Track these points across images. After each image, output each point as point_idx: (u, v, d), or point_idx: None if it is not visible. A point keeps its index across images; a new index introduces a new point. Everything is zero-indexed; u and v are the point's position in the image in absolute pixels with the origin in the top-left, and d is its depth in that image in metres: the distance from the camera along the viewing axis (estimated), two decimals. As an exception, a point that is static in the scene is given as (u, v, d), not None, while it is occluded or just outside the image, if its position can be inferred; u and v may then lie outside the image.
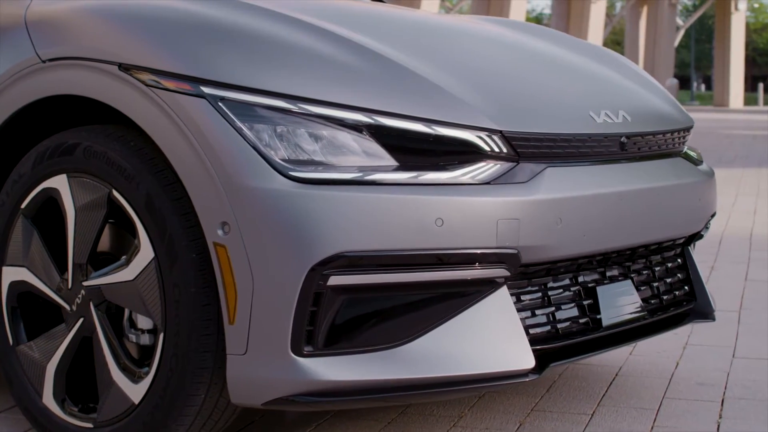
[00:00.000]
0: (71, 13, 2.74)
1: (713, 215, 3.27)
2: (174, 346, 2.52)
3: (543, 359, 2.63)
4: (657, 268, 3.14)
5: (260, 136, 2.42)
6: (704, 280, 3.30)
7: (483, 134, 2.57)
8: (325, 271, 2.40)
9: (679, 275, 3.23)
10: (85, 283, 2.67)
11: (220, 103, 2.43)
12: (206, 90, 2.45)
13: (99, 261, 2.70)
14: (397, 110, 2.51)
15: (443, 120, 2.54)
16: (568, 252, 2.70)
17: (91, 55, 2.61)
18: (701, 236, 3.28)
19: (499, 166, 2.59)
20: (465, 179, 2.52)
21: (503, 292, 2.59)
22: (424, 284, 2.50)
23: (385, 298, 2.49)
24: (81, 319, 2.69)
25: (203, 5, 2.71)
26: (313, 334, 2.44)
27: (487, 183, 2.54)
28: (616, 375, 3.64)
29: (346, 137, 2.47)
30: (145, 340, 2.62)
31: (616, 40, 64.30)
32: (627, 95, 3.15)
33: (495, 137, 2.58)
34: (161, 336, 2.55)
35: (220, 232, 2.42)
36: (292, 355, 2.42)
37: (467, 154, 2.56)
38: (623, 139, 2.90)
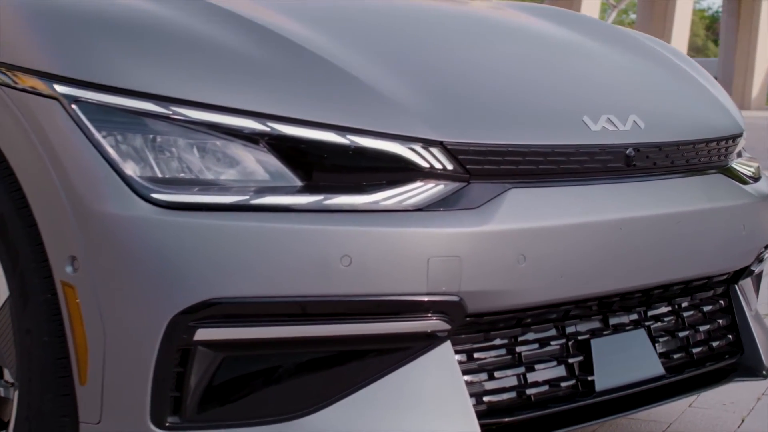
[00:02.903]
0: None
1: None
2: (27, 406, 2.02)
3: (500, 436, 2.03)
4: (686, 314, 2.49)
5: (119, 148, 1.90)
6: (760, 327, 2.62)
7: (417, 146, 1.99)
8: (192, 322, 1.86)
9: (720, 321, 2.57)
10: None
11: (73, 106, 1.92)
12: (59, 89, 1.94)
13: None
14: (305, 116, 1.95)
15: (364, 128, 1.97)
16: (539, 298, 2.09)
17: None
18: (751, 272, 2.61)
19: (440, 186, 2.00)
20: (388, 204, 1.95)
21: (443, 350, 2.00)
22: (329, 341, 1.94)
23: (279, 358, 1.94)
24: None
25: None
26: (180, 401, 1.90)
27: (419, 209, 1.96)
28: (660, 435, 2.99)
29: (233, 150, 1.93)
30: (8, 394, 2.14)
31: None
32: (649, 95, 2.50)
33: (433, 150, 2.00)
34: (16, 393, 2.05)
35: (68, 268, 1.90)
36: (152, 427, 1.89)
37: (395, 171, 1.99)
38: (630, 151, 2.27)
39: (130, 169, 1.88)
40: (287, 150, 1.94)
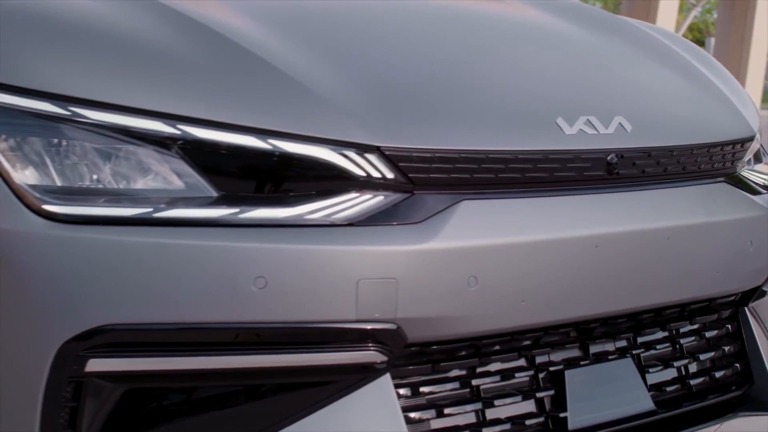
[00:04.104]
0: None
1: None
2: None
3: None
4: (684, 340, 2.21)
5: (8, 154, 1.68)
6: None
7: (350, 152, 1.74)
8: (82, 351, 1.63)
9: (726, 348, 2.28)
10: None
11: None
12: None
13: None
14: (222, 118, 1.72)
15: (289, 132, 1.73)
16: (497, 326, 1.84)
17: None
18: (764, 293, 2.31)
19: (378, 198, 1.76)
20: (314, 218, 1.71)
21: (380, 384, 1.76)
22: (244, 373, 1.70)
23: (188, 393, 1.71)
24: None
25: None
26: (75, 439, 1.68)
27: (350, 224, 1.72)
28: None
29: (139, 156, 1.71)
30: None
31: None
32: (642, 94, 2.22)
33: (369, 156, 1.75)
34: None
35: None
36: (43, 468, 1.67)
37: (325, 181, 1.75)
38: (612, 157, 2.00)
39: (19, 177, 1.66)
40: (201, 156, 1.71)
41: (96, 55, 1.74)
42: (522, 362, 1.97)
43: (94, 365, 1.64)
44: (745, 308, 2.31)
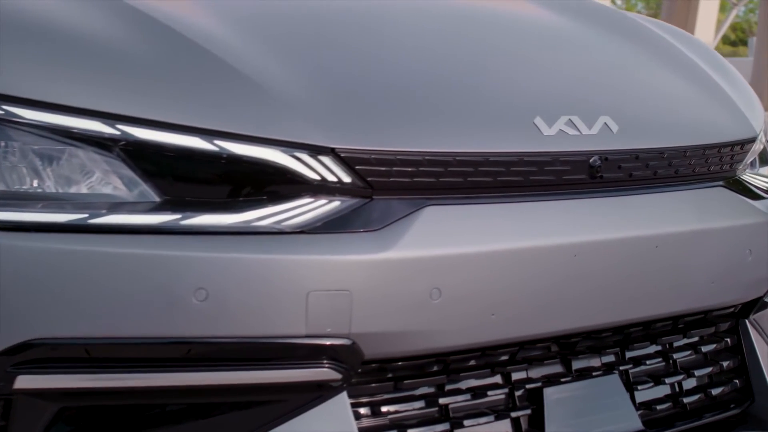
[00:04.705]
0: None
1: None
2: None
3: None
4: (678, 355, 2.08)
5: None
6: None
7: (303, 154, 1.62)
8: (10, 368, 1.53)
9: (725, 363, 2.14)
10: None
11: None
12: None
13: None
14: (164, 118, 1.60)
15: (237, 132, 1.61)
16: (464, 341, 1.72)
17: None
18: (766, 304, 2.17)
19: (334, 204, 1.64)
20: (261, 225, 1.59)
21: (336, 403, 1.64)
22: (186, 391, 1.59)
23: (127, 411, 1.59)
24: None
25: None
26: (4, 461, 1.57)
27: (301, 231, 1.60)
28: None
29: (76, 158, 1.60)
30: None
31: None
32: (633, 93, 2.08)
33: (323, 159, 1.63)
34: None
35: None
36: (-30, 492, 1.57)
37: (276, 185, 1.63)
38: (594, 160, 1.86)
39: None
40: (144, 159, 1.60)
41: (32, 51, 1.64)
42: (497, 379, 1.85)
43: (24, 382, 1.54)
44: (746, 320, 2.17)
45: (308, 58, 1.78)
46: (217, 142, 1.60)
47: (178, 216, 1.57)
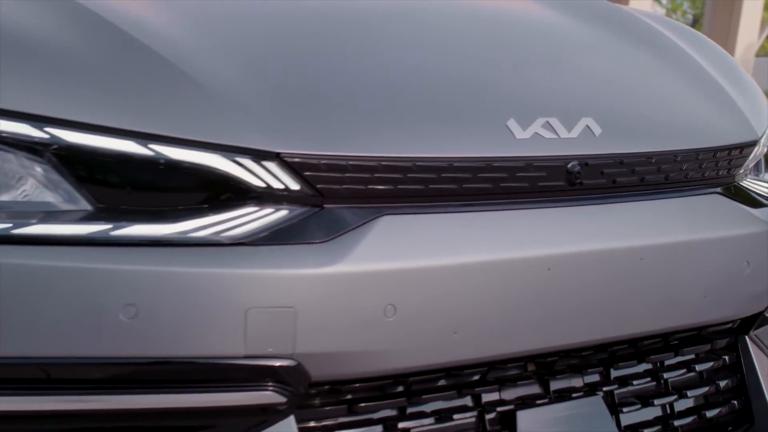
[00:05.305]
0: None
1: None
2: None
3: None
4: (669, 374, 1.93)
5: None
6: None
7: (245, 159, 1.50)
8: (-74, 390, 1.42)
9: (722, 383, 2.00)
10: None
11: None
12: None
13: None
14: (94, 120, 1.49)
15: (173, 136, 1.49)
16: (423, 361, 1.59)
17: None
18: (766, 319, 2.02)
19: (280, 213, 1.52)
20: (198, 237, 1.47)
21: (283, 428, 1.51)
22: (114, 416, 1.47)
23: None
24: None
25: None
26: None
27: (241, 243, 1.48)
28: None
29: (2, 162, 1.48)
30: None
31: None
32: (620, 93, 1.94)
33: (267, 164, 1.51)
34: None
35: None
36: None
37: (216, 193, 1.51)
38: (573, 165, 1.73)
39: None
40: (74, 164, 1.48)
41: None
42: (465, 401, 1.72)
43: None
44: (746, 337, 2.02)
45: (258, 60, 1.66)
46: (153, 146, 1.48)
47: (109, 226, 1.46)
